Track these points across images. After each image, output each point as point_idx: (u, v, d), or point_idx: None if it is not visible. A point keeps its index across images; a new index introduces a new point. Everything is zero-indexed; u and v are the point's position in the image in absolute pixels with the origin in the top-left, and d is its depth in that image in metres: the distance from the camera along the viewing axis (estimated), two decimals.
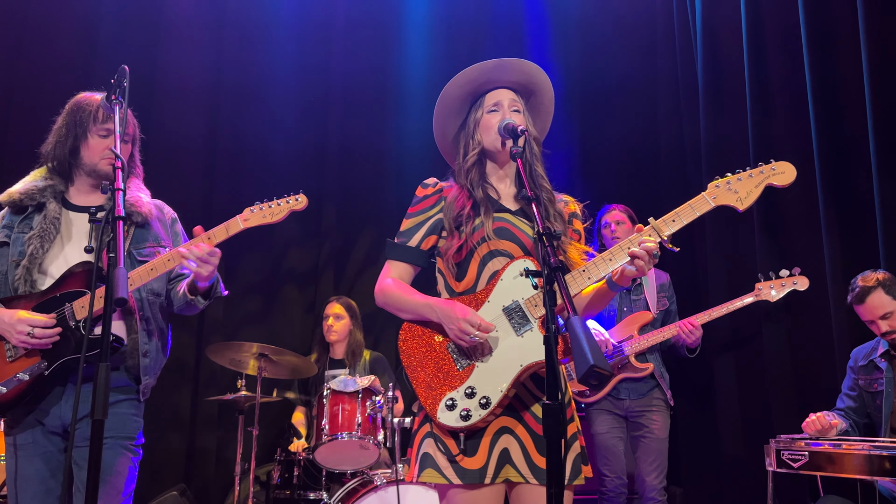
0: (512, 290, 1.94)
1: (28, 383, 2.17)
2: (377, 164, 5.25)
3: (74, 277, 2.24)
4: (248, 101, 5.07)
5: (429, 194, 2.15)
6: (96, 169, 2.36)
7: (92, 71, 4.56)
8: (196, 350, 4.50)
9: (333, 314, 4.43)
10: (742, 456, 4.01)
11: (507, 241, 2.01)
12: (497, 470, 1.88)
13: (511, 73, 2.14)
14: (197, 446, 4.65)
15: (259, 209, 2.37)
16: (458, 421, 1.87)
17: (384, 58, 5.35)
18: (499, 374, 1.88)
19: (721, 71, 4.48)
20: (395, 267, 2.13)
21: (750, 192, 1.88)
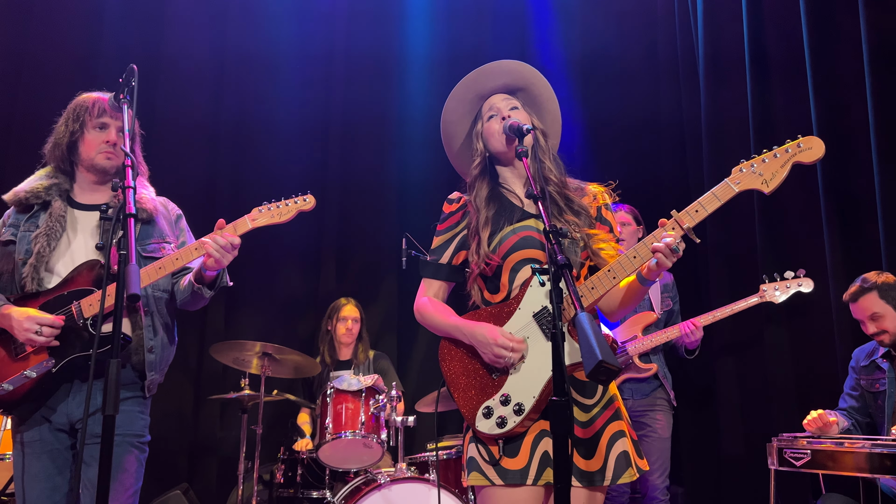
0: (541, 297, 1.95)
1: (35, 381, 2.18)
2: (383, 157, 5.27)
3: (82, 276, 2.25)
4: (252, 85, 5.11)
5: (454, 210, 2.16)
6: (94, 163, 2.37)
7: (97, 53, 4.60)
8: (199, 349, 4.52)
9: (352, 317, 4.48)
10: (744, 455, 4.02)
11: (532, 249, 2.02)
12: (539, 471, 1.89)
13: (497, 77, 2.15)
14: (200, 445, 4.67)
15: (267, 209, 2.38)
16: (494, 428, 1.90)
17: (387, 37, 5.40)
18: (531, 381, 1.89)
19: (721, 49, 4.50)
20: (430, 286, 2.16)
21: (776, 172, 1.79)
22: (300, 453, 4.04)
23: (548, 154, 2.13)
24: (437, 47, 5.32)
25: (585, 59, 5.26)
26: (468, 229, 2.11)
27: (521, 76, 2.16)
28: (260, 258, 4.96)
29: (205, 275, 2.32)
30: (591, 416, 1.94)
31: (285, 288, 5.02)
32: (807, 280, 3.47)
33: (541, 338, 1.92)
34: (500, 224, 2.06)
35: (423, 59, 5.33)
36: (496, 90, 2.16)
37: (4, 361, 2.20)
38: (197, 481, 4.57)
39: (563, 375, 1.65)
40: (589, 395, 1.96)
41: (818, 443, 2.75)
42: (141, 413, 2.34)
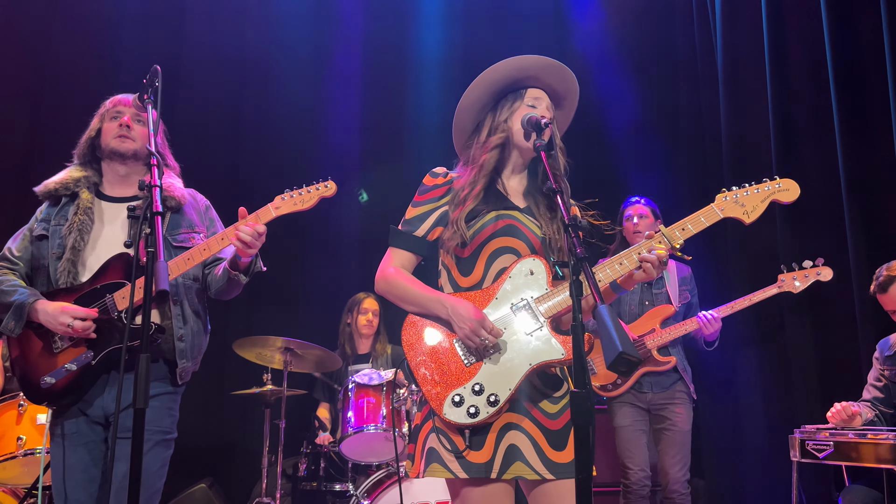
0: (521, 289, 1.94)
1: (76, 373, 2.23)
2: (400, 147, 5.33)
3: (112, 269, 2.30)
4: (273, 74, 5.18)
5: (438, 184, 2.10)
6: (110, 147, 2.41)
7: (118, 58, 4.66)
8: (223, 345, 4.56)
9: (373, 310, 4.54)
10: (765, 447, 4.01)
11: (514, 238, 2.00)
12: (504, 465, 1.86)
13: (556, 77, 2.12)
14: (224, 440, 4.73)
15: (290, 196, 2.41)
16: (466, 418, 1.85)
17: (405, 30, 5.45)
18: (507, 372, 1.87)
19: (740, 55, 4.46)
20: (397, 255, 2.09)
21: (756, 206, 1.97)
22: (322, 447, 4.08)
23: (560, 155, 2.11)
24: (454, 46, 5.34)
25: (605, 61, 5.25)
26: (451, 205, 2.05)
27: (571, 93, 2.16)
28: (281, 253, 5.00)
29: (239, 262, 2.36)
30: (559, 407, 1.94)
31: (307, 283, 5.06)
32: (825, 269, 3.44)
33: (519, 330, 1.90)
34: (487, 207, 2.02)
35: (437, 61, 5.35)
36: (542, 85, 2.13)
37: (45, 356, 2.26)
38: (221, 476, 4.64)
39: (583, 367, 1.65)
40: (557, 388, 1.96)
41: (841, 435, 2.74)
42: (170, 410, 2.37)
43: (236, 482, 4.69)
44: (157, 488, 2.31)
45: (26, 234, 2.42)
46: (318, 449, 4.12)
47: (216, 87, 5.05)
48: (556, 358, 1.86)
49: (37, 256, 2.37)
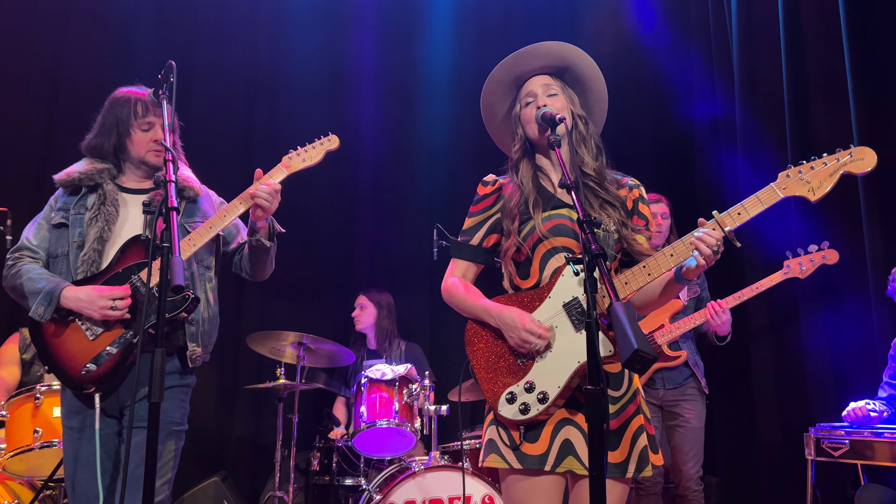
0: (572, 287, 1.93)
1: (118, 355, 2.24)
2: (413, 150, 5.30)
3: (131, 252, 2.32)
4: (288, 35, 5.20)
5: (488, 193, 2.14)
6: (145, 161, 2.45)
7: (132, 59, 4.69)
8: (236, 340, 4.59)
9: (359, 305, 4.57)
10: (780, 444, 3.98)
11: (564, 237, 2.01)
12: (559, 459, 1.90)
13: (536, 59, 2.11)
14: (237, 434, 4.76)
15: (297, 154, 2.50)
16: (517, 415, 1.91)
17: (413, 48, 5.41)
18: (557, 371, 1.89)
19: (757, 68, 4.43)
20: (458, 265, 2.16)
21: (823, 181, 1.74)
22: (335, 441, 4.10)
23: (588, 141, 2.09)
24: (467, 50, 5.33)
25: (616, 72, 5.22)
26: (502, 212, 2.09)
27: (562, 57, 2.11)
28: (294, 247, 5.01)
29: (257, 227, 2.43)
30: (617, 407, 1.95)
31: (320, 277, 5.07)
32: (831, 252, 3.39)
33: (569, 328, 1.91)
34: (536, 210, 2.04)
35: (448, 69, 5.34)
36: (536, 72, 2.12)
37: (82, 344, 2.26)
38: (234, 470, 4.66)
39: (598, 365, 1.65)
40: (616, 387, 1.96)
41: (857, 433, 2.72)
42: (181, 402, 2.38)
43: (249, 476, 4.72)
44: (168, 479, 2.32)
45: (42, 222, 2.43)
46: (331, 443, 4.14)
47: (228, 89, 5.08)
48: (605, 355, 1.83)
49: (54, 245, 2.38)
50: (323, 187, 4.92)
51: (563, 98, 2.09)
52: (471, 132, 5.01)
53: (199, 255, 2.41)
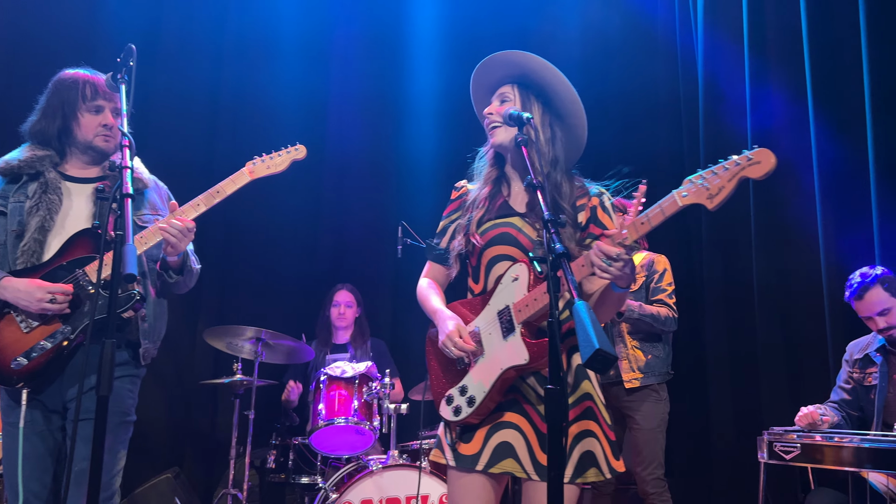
0: (506, 295, 1.99)
1: (53, 350, 2.16)
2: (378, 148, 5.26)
3: (79, 245, 2.24)
4: (252, 53, 5.11)
5: (454, 198, 2.24)
6: (92, 145, 2.37)
7: (96, 30, 4.57)
8: (193, 333, 4.51)
9: (345, 301, 4.51)
10: (735, 447, 4.05)
11: (508, 245, 2.05)
12: (493, 460, 1.95)
13: (498, 67, 2.13)
14: (192, 430, 4.67)
15: (261, 161, 2.45)
16: (452, 416, 2.01)
17: (390, 14, 5.39)
18: (485, 376, 1.96)
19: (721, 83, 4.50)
20: (430, 268, 2.26)
21: (723, 187, 1.68)
22: (292, 439, 4.05)
23: (543, 149, 2.06)
24: (440, 30, 5.32)
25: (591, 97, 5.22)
26: (462, 218, 2.16)
27: (517, 64, 2.10)
28: (256, 242, 4.95)
29: (168, 261, 2.35)
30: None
31: (282, 273, 5.00)
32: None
33: (500, 336, 1.96)
34: (490, 216, 2.10)
35: (425, 40, 5.30)
36: (501, 81, 2.14)
37: (15, 337, 2.18)
38: (188, 466, 4.57)
39: (558, 364, 1.64)
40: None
41: (808, 437, 2.77)
42: (130, 392, 2.34)
43: (203, 473, 4.63)
44: (118, 471, 2.27)
45: None
46: (288, 441, 4.08)
47: (194, 65, 4.96)
48: (520, 363, 1.89)
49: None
50: (287, 184, 4.84)
51: (517, 104, 2.09)
52: (436, 132, 5.01)
53: (149, 250, 2.36)
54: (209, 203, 2.36)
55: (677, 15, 4.96)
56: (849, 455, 2.61)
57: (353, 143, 5.24)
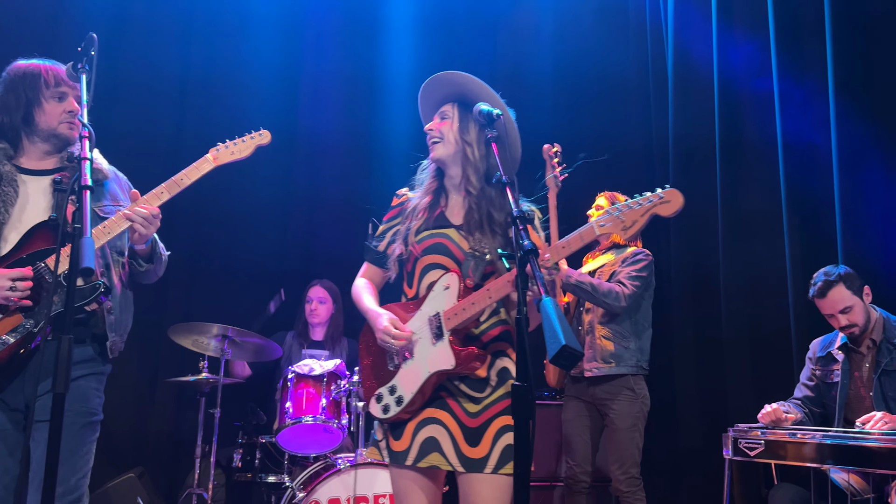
0: (437, 302, 2.12)
1: (15, 345, 2.10)
2: (349, 143, 5.21)
3: (38, 237, 2.19)
4: (222, 32, 5.02)
5: (395, 205, 2.37)
6: (56, 133, 2.31)
7: (60, 7, 4.45)
8: (158, 330, 4.42)
9: (317, 297, 4.45)
10: (700, 444, 4.09)
11: (441, 255, 2.18)
12: (421, 455, 2.09)
13: (438, 87, 2.27)
14: (156, 428, 4.59)
15: (225, 147, 2.43)
16: (381, 413, 2.15)
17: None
18: (414, 378, 2.10)
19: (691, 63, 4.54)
20: (366, 267, 2.39)
21: (636, 220, 1.88)
22: (258, 438, 4.00)
23: (476, 165, 2.20)
24: (416, 8, 5.30)
25: (556, 74, 5.26)
26: (402, 225, 2.28)
27: (457, 85, 2.23)
28: (224, 234, 4.87)
29: (136, 249, 2.32)
30: (480, 408, 2.11)
31: (250, 269, 4.93)
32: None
33: (429, 341, 2.10)
34: (427, 226, 2.23)
35: (401, 19, 5.28)
36: (443, 100, 2.28)
37: None
38: (153, 465, 4.49)
39: (526, 361, 1.66)
40: (479, 390, 2.12)
41: (772, 433, 2.80)
42: (97, 391, 2.29)
43: (168, 473, 4.56)
44: (86, 472, 2.22)
45: None
46: (255, 440, 4.03)
47: (162, 44, 4.87)
48: (447, 368, 2.04)
49: None
50: (256, 177, 4.78)
51: (455, 122, 2.23)
52: (409, 128, 4.97)
53: (112, 241, 2.31)
54: (173, 191, 2.32)
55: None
56: (811, 451, 2.65)
57: (327, 128, 5.17)
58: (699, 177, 4.36)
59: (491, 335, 2.17)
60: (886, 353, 2.94)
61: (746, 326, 3.99)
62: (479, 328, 2.16)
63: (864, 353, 3.01)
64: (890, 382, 2.91)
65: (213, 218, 4.82)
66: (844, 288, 2.95)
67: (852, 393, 3.01)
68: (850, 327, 2.97)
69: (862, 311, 2.97)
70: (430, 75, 2.27)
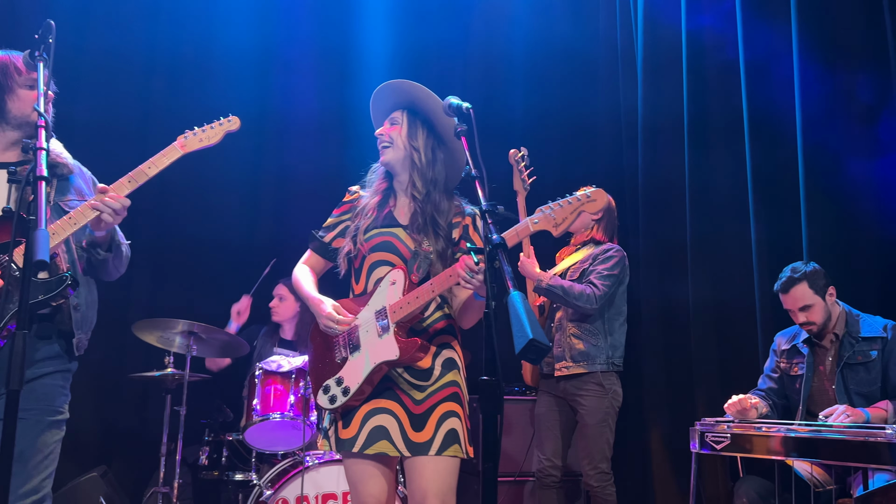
0: (384, 296, 2.24)
1: None
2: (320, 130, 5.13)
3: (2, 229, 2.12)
4: (189, 8, 4.90)
5: (347, 200, 2.49)
6: (29, 120, 2.25)
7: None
8: (123, 325, 4.32)
9: (278, 294, 4.39)
10: (669, 438, 4.13)
11: (389, 253, 2.31)
12: (369, 442, 2.18)
13: (388, 95, 2.40)
14: (121, 426, 4.49)
15: (193, 134, 2.40)
16: (327, 404, 2.25)
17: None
18: (359, 369, 2.21)
19: (659, 45, 4.57)
20: (310, 255, 2.50)
21: (566, 218, 2.05)
22: (226, 435, 3.95)
23: (423, 171, 2.33)
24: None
25: (527, 54, 5.26)
26: (351, 221, 2.41)
27: (406, 93, 2.36)
28: (190, 227, 4.77)
29: (96, 238, 2.27)
30: (424, 395, 2.23)
31: (218, 263, 4.84)
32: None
33: (375, 334, 2.21)
34: (375, 224, 2.35)
35: (372, 3, 5.20)
36: (394, 107, 2.41)
37: None
38: (117, 464, 4.40)
39: (494, 354, 1.66)
40: (424, 378, 2.25)
41: (737, 427, 2.83)
42: (63, 388, 2.25)
43: (132, 471, 4.46)
44: (50, 473, 2.18)
45: None
46: (221, 437, 3.98)
47: (128, 22, 4.75)
48: (391, 359, 2.15)
49: None
50: (223, 166, 4.68)
51: (404, 129, 2.36)
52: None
53: (78, 235, 2.25)
54: (140, 180, 2.27)
55: None
56: (776, 444, 2.69)
57: (299, 108, 5.08)
58: (667, 154, 4.40)
59: (436, 328, 2.30)
60: (849, 347, 2.99)
61: (712, 320, 4.02)
62: (426, 322, 2.29)
63: (827, 346, 3.06)
64: (852, 375, 2.96)
65: (179, 206, 4.72)
66: (807, 287, 3.00)
67: (816, 386, 3.06)
68: (808, 325, 3.03)
69: (822, 310, 3.02)
70: (402, 54, 2.30)
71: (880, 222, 3.40)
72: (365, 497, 2.22)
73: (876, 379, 2.92)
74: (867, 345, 2.97)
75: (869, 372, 2.94)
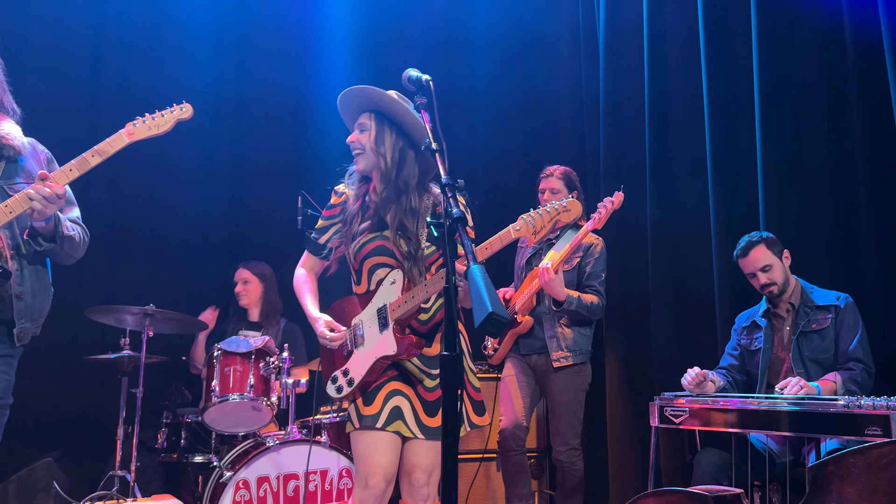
0: (385, 295, 2.39)
1: None
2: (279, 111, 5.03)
3: None
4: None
5: (335, 203, 2.58)
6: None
7: None
8: (76, 305, 4.20)
9: (241, 279, 4.34)
10: (628, 414, 4.19)
11: (386, 256, 2.43)
12: (389, 420, 2.33)
13: (353, 99, 2.45)
14: (76, 410, 4.38)
15: (143, 122, 2.33)
16: (335, 393, 2.45)
17: None
18: (363, 362, 2.39)
19: (620, 24, 4.58)
20: (308, 258, 2.64)
21: (543, 226, 2.20)
22: (184, 417, 3.88)
23: (392, 172, 2.40)
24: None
25: (489, 32, 5.22)
26: (343, 224, 2.52)
27: (371, 99, 2.42)
28: (145, 208, 4.65)
29: (36, 227, 2.20)
30: (435, 383, 2.40)
31: (173, 245, 4.73)
32: (618, 196, 3.65)
33: (377, 330, 2.38)
34: (368, 228, 2.45)
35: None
36: (360, 109, 2.47)
37: None
38: (73, 448, 4.30)
39: (454, 330, 1.65)
40: (434, 366, 2.41)
41: (696, 402, 2.88)
42: (5, 373, 2.19)
43: (88, 455, 4.36)
44: None
45: None
46: (180, 419, 3.91)
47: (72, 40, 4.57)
48: (390, 354, 2.32)
49: None
50: (177, 146, 4.54)
51: (373, 133, 2.42)
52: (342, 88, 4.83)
53: (23, 222, 2.17)
54: (83, 168, 2.20)
55: None
56: (733, 418, 2.74)
57: (256, 87, 4.97)
58: (628, 131, 4.43)
59: (440, 318, 2.43)
60: (804, 316, 3.09)
61: (672, 304, 4.06)
62: (429, 313, 2.42)
63: (783, 316, 3.14)
64: (807, 343, 3.06)
65: (133, 187, 4.59)
66: (766, 248, 3.12)
67: (773, 357, 3.14)
68: (770, 285, 3.11)
69: (781, 270, 3.13)
70: (363, 37, 2.25)
71: (836, 202, 3.45)
72: (374, 466, 2.31)
73: (829, 346, 3.01)
74: (821, 312, 3.06)
75: (823, 339, 3.03)
